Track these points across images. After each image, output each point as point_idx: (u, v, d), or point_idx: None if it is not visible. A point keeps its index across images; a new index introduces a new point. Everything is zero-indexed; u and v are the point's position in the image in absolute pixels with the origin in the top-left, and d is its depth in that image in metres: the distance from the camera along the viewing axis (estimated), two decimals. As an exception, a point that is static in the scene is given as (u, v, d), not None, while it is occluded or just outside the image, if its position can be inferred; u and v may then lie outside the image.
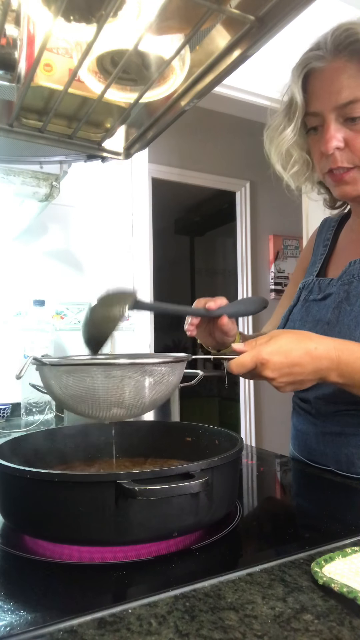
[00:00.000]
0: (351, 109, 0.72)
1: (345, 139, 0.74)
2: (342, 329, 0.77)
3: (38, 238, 1.68)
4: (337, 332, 0.78)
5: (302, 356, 0.63)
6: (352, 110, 0.72)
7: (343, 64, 0.72)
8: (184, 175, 3.34)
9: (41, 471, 0.51)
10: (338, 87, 0.73)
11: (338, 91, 0.73)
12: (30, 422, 1.33)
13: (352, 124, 0.73)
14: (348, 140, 0.74)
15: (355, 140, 0.74)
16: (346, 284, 0.81)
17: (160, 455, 0.74)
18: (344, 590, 0.41)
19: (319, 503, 0.71)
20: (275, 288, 3.65)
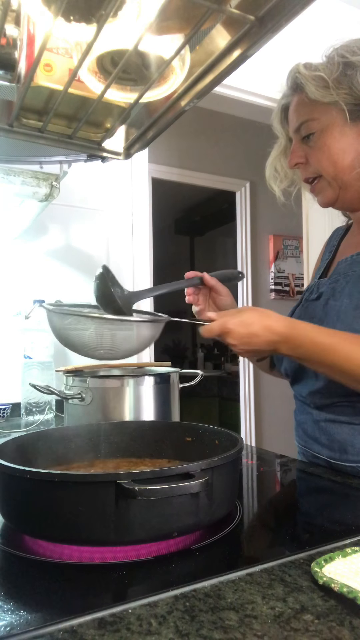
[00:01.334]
0: (304, 128, 0.86)
1: (305, 155, 0.88)
2: (328, 324, 0.84)
3: (38, 238, 1.68)
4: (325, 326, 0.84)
5: (260, 329, 0.75)
6: (304, 129, 0.86)
7: (297, 97, 0.88)
8: (184, 175, 3.34)
9: (41, 471, 0.51)
10: (293, 115, 0.89)
11: (294, 118, 0.88)
12: (30, 422, 1.33)
13: (308, 141, 0.87)
14: (307, 156, 0.88)
15: (311, 155, 0.87)
16: (334, 282, 0.90)
17: (160, 455, 0.74)
18: (344, 590, 0.41)
19: (319, 503, 0.71)
20: (275, 288, 3.65)
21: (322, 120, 0.84)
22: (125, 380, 1.00)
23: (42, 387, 0.96)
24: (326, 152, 0.84)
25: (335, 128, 0.83)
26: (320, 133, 0.84)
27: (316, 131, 0.84)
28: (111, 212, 1.81)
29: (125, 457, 0.75)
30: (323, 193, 0.89)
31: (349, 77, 0.80)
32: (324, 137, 0.84)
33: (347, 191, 0.86)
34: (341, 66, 0.80)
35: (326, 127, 0.84)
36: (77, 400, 0.98)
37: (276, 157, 0.98)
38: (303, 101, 0.85)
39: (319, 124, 0.84)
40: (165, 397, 1.05)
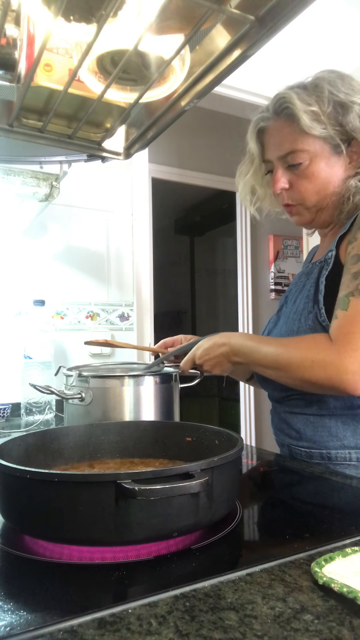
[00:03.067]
0: (292, 157, 0.90)
1: (289, 181, 0.93)
2: (279, 327, 1.00)
3: (38, 238, 1.68)
4: (276, 329, 1.00)
5: (211, 346, 0.94)
6: (292, 158, 0.90)
7: (282, 123, 0.90)
8: (184, 175, 3.34)
9: (41, 471, 0.51)
10: (279, 141, 0.92)
11: (279, 144, 0.91)
12: (30, 422, 1.33)
13: (295, 169, 0.91)
14: (292, 183, 0.93)
15: (297, 183, 0.92)
16: (288, 291, 1.03)
17: (160, 455, 0.74)
18: (344, 590, 0.41)
19: (319, 503, 0.71)
20: (275, 288, 3.65)
21: (311, 151, 0.88)
22: (125, 380, 1.00)
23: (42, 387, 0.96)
24: (313, 181, 0.90)
25: (323, 159, 0.89)
26: (309, 164, 0.89)
27: (305, 161, 0.89)
28: (111, 212, 1.81)
29: (125, 457, 0.75)
30: (301, 216, 0.97)
31: (340, 114, 0.86)
32: (311, 168, 0.89)
33: (323, 213, 0.94)
34: (332, 103, 0.86)
35: (315, 158, 0.89)
36: (77, 400, 0.98)
37: (250, 177, 1.02)
38: (290, 130, 0.89)
39: (307, 155, 0.89)
40: (165, 397, 1.05)
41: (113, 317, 1.79)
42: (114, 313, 1.80)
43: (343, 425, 0.89)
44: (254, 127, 0.97)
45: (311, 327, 0.87)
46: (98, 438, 0.75)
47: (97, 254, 1.78)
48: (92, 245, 1.77)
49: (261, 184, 1.03)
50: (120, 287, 1.82)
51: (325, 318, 0.85)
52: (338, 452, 0.89)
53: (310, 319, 0.88)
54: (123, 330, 1.81)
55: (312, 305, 0.89)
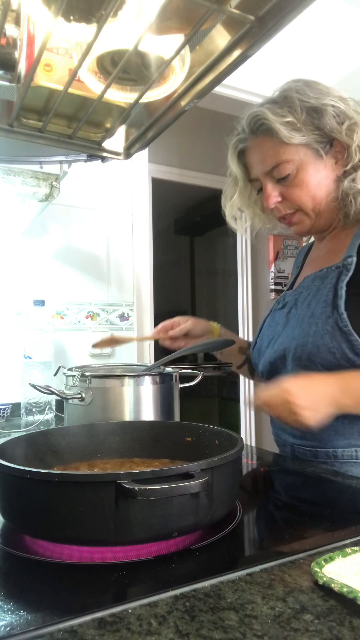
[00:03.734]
0: (277, 171, 0.91)
1: (281, 193, 0.94)
2: (288, 329, 0.96)
3: (38, 238, 1.68)
4: (286, 331, 0.97)
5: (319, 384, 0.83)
6: (278, 172, 0.91)
7: (261, 140, 0.92)
8: (184, 175, 3.34)
9: (41, 471, 0.51)
10: (262, 158, 0.93)
11: (263, 160, 0.93)
12: (30, 422, 1.33)
13: (284, 182, 0.92)
14: (284, 194, 0.94)
15: (288, 193, 0.93)
16: (297, 294, 1.00)
17: (160, 455, 0.74)
18: (344, 590, 0.41)
19: (319, 503, 0.71)
20: (275, 288, 3.65)
21: (295, 160, 0.90)
22: (125, 380, 1.00)
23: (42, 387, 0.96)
24: (305, 188, 0.91)
25: (309, 165, 0.90)
26: (296, 173, 0.90)
27: (292, 171, 0.90)
28: (111, 212, 1.81)
29: (125, 457, 0.75)
30: (301, 224, 0.97)
31: (316, 119, 0.87)
32: (300, 176, 0.91)
33: (321, 218, 0.95)
34: (304, 109, 0.87)
35: (301, 166, 0.90)
36: (77, 400, 0.98)
37: (236, 199, 1.04)
38: (271, 144, 0.90)
39: (293, 165, 0.90)
40: (165, 397, 1.05)
41: (113, 317, 1.79)
42: (114, 313, 1.80)
43: (350, 423, 0.88)
44: (234, 150, 0.99)
45: (329, 332, 0.86)
46: (98, 438, 0.75)
47: (97, 253, 1.78)
48: (92, 245, 1.77)
49: (248, 204, 1.05)
50: (120, 287, 1.82)
51: (347, 323, 0.84)
52: (344, 451, 0.89)
53: (329, 324, 0.87)
54: (123, 330, 1.81)
55: (331, 311, 0.87)
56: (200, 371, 1.16)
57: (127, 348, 1.81)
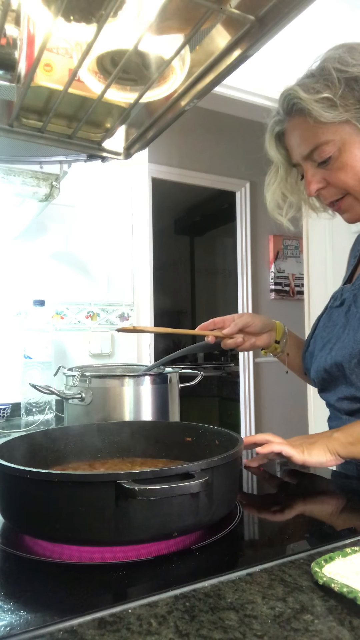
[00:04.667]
0: (318, 154, 0.82)
1: (324, 178, 0.84)
2: (350, 331, 0.85)
3: (38, 238, 1.68)
4: (346, 334, 0.85)
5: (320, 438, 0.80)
6: (318, 154, 0.82)
7: (297, 121, 0.83)
8: (184, 175, 3.34)
9: (41, 471, 0.51)
10: (299, 141, 0.84)
11: (300, 144, 0.84)
12: (30, 422, 1.33)
13: (325, 165, 0.83)
14: (327, 179, 0.84)
15: (332, 178, 0.83)
16: (357, 288, 0.88)
17: (160, 455, 0.74)
18: (344, 591, 0.41)
19: (319, 503, 0.71)
20: (275, 288, 3.65)
21: (336, 140, 0.80)
22: (125, 380, 1.00)
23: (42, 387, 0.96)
24: (350, 171, 0.81)
25: (353, 145, 0.80)
26: (339, 154, 0.81)
27: (333, 153, 0.81)
28: (111, 212, 1.81)
29: (125, 457, 0.75)
30: (352, 210, 0.87)
31: (357, 91, 0.77)
32: (343, 157, 0.81)
33: None
34: (343, 82, 0.77)
35: (343, 147, 0.80)
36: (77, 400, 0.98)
37: (277, 186, 0.93)
38: (307, 125, 0.81)
39: (334, 146, 0.80)
40: (165, 397, 1.05)
41: (113, 317, 1.79)
42: (114, 313, 1.79)
43: None
44: (271, 134, 0.90)
45: None
46: (98, 438, 0.75)
47: (97, 253, 1.78)
48: (92, 245, 1.77)
49: (293, 191, 0.94)
50: (120, 287, 1.82)
51: None
52: None
53: None
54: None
55: None
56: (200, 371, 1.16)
57: (127, 348, 1.81)
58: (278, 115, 0.87)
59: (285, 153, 0.90)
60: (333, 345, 0.88)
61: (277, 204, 0.96)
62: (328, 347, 0.89)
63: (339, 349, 0.85)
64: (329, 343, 0.90)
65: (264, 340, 1.02)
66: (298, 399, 2.53)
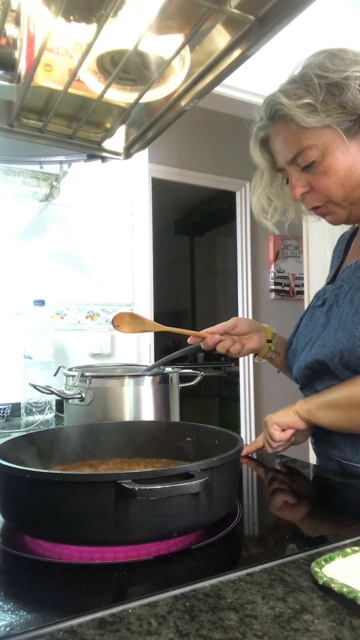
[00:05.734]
0: (301, 158, 0.83)
1: (308, 183, 0.85)
2: (330, 330, 0.85)
3: (38, 238, 1.68)
4: (327, 333, 0.86)
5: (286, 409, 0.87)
6: (302, 159, 0.83)
7: (280, 127, 0.84)
8: (184, 175, 3.34)
9: (41, 471, 0.51)
10: (283, 146, 0.85)
11: (284, 149, 0.85)
12: (30, 422, 1.33)
13: (309, 169, 0.83)
14: (311, 184, 0.85)
15: (316, 183, 0.84)
16: (337, 288, 0.90)
17: (160, 455, 0.74)
18: (344, 591, 0.41)
19: (319, 503, 0.71)
20: (275, 288, 3.65)
21: (319, 145, 0.81)
22: (125, 381, 1.00)
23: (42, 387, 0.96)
24: (333, 176, 0.82)
25: (336, 149, 0.81)
26: (322, 159, 0.81)
27: (316, 157, 0.81)
28: (111, 212, 1.81)
29: (125, 457, 0.75)
30: (333, 215, 0.88)
31: (337, 96, 0.78)
32: (326, 162, 0.81)
33: (359, 205, 0.85)
34: (324, 87, 0.78)
35: (326, 151, 0.81)
36: (77, 400, 0.98)
37: (263, 191, 0.95)
38: (290, 130, 0.82)
39: (317, 150, 0.81)
40: (165, 397, 1.05)
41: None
42: (114, 313, 1.79)
43: None
44: (255, 140, 0.91)
45: None
46: (98, 438, 0.75)
47: (97, 253, 1.78)
48: (92, 245, 1.77)
49: (278, 195, 0.95)
50: (120, 287, 1.82)
51: None
52: None
53: None
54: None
55: None
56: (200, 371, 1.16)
57: (127, 348, 1.81)
58: (262, 121, 0.88)
59: (270, 158, 0.91)
60: (313, 343, 0.89)
61: (263, 208, 0.97)
62: (309, 346, 0.90)
63: (319, 347, 0.86)
64: (310, 342, 0.90)
65: (255, 341, 1.03)
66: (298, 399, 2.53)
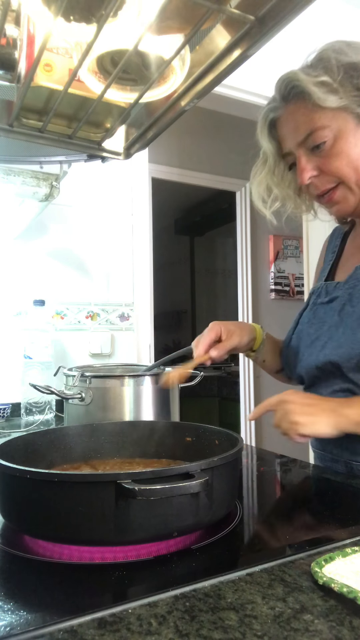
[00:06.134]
0: (312, 139, 0.80)
1: (317, 166, 0.82)
2: (346, 330, 0.82)
3: (38, 238, 1.68)
4: (342, 333, 0.83)
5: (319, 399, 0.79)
6: (312, 140, 0.80)
7: (294, 107, 0.82)
8: (184, 175, 3.33)
9: (41, 471, 0.51)
10: (295, 126, 0.82)
11: (296, 129, 0.82)
12: (30, 422, 1.33)
13: (319, 151, 0.81)
14: (320, 167, 0.82)
15: (326, 164, 0.81)
16: (351, 287, 0.87)
17: (160, 455, 0.74)
18: (344, 591, 0.41)
19: (319, 503, 0.71)
20: (275, 288, 3.65)
21: (332, 126, 0.79)
22: (125, 381, 1.00)
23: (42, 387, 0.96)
24: (345, 158, 0.80)
25: (349, 133, 0.79)
26: (334, 140, 0.80)
27: (328, 139, 0.80)
28: (111, 212, 1.81)
29: (125, 457, 0.75)
30: (344, 202, 0.84)
31: (355, 79, 0.77)
32: (339, 144, 0.80)
33: None
34: (342, 68, 0.77)
35: (339, 134, 0.79)
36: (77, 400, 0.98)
37: (264, 177, 0.91)
38: (305, 110, 0.80)
39: (330, 132, 0.79)
40: (165, 397, 1.05)
41: (113, 317, 1.79)
42: (114, 313, 1.80)
43: None
44: (264, 122, 0.87)
45: None
46: (98, 438, 0.75)
47: (97, 253, 1.78)
48: (92, 245, 1.77)
49: (279, 184, 0.92)
50: (120, 287, 1.82)
51: None
52: None
53: None
54: (123, 330, 1.80)
55: None
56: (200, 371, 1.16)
57: (127, 348, 1.81)
58: (274, 102, 0.85)
59: (276, 144, 0.88)
60: (325, 343, 0.86)
61: (261, 196, 0.94)
62: (318, 345, 0.87)
63: (333, 348, 0.83)
64: (318, 340, 0.88)
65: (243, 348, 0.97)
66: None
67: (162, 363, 1.06)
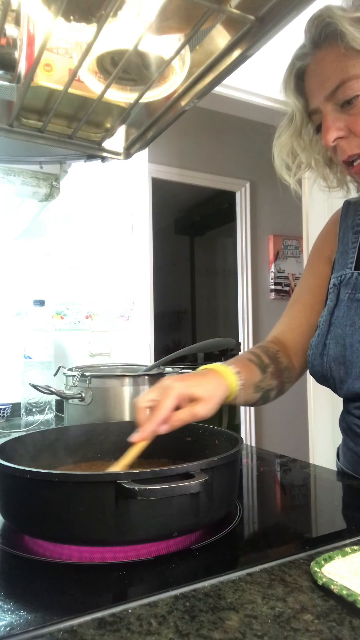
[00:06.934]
0: (342, 92, 0.68)
1: (347, 126, 0.70)
2: None
3: (38, 238, 1.68)
4: None
5: None
6: (343, 93, 0.68)
7: (325, 52, 0.70)
8: (184, 175, 3.34)
9: (41, 471, 0.51)
10: (324, 77, 0.70)
11: (325, 80, 0.70)
12: (30, 422, 1.33)
13: (349, 108, 0.69)
14: (350, 126, 0.70)
15: (356, 125, 0.69)
16: None
17: (160, 455, 0.74)
18: (343, 593, 0.41)
19: (319, 503, 0.71)
20: (275, 288, 3.65)
21: None
22: (125, 380, 1.00)
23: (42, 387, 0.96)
24: None
25: None
26: None
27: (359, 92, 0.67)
28: (111, 212, 1.81)
29: (125, 457, 0.74)
30: None
31: None
32: None
33: None
34: None
35: None
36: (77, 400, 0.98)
37: (290, 138, 0.79)
38: (337, 56, 0.67)
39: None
40: (165, 397, 1.04)
41: (113, 317, 1.79)
42: (114, 313, 1.80)
43: None
44: (290, 72, 0.75)
45: None
46: (98, 438, 0.75)
47: (97, 253, 1.78)
48: (92, 245, 1.77)
49: (305, 148, 0.79)
50: (121, 287, 1.82)
51: None
52: None
53: None
54: (123, 330, 1.81)
55: None
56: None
57: (127, 348, 1.81)
58: (303, 48, 0.73)
59: (303, 100, 0.76)
60: None
61: (284, 162, 0.81)
62: None
63: None
64: None
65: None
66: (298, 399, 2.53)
67: (162, 363, 1.06)
